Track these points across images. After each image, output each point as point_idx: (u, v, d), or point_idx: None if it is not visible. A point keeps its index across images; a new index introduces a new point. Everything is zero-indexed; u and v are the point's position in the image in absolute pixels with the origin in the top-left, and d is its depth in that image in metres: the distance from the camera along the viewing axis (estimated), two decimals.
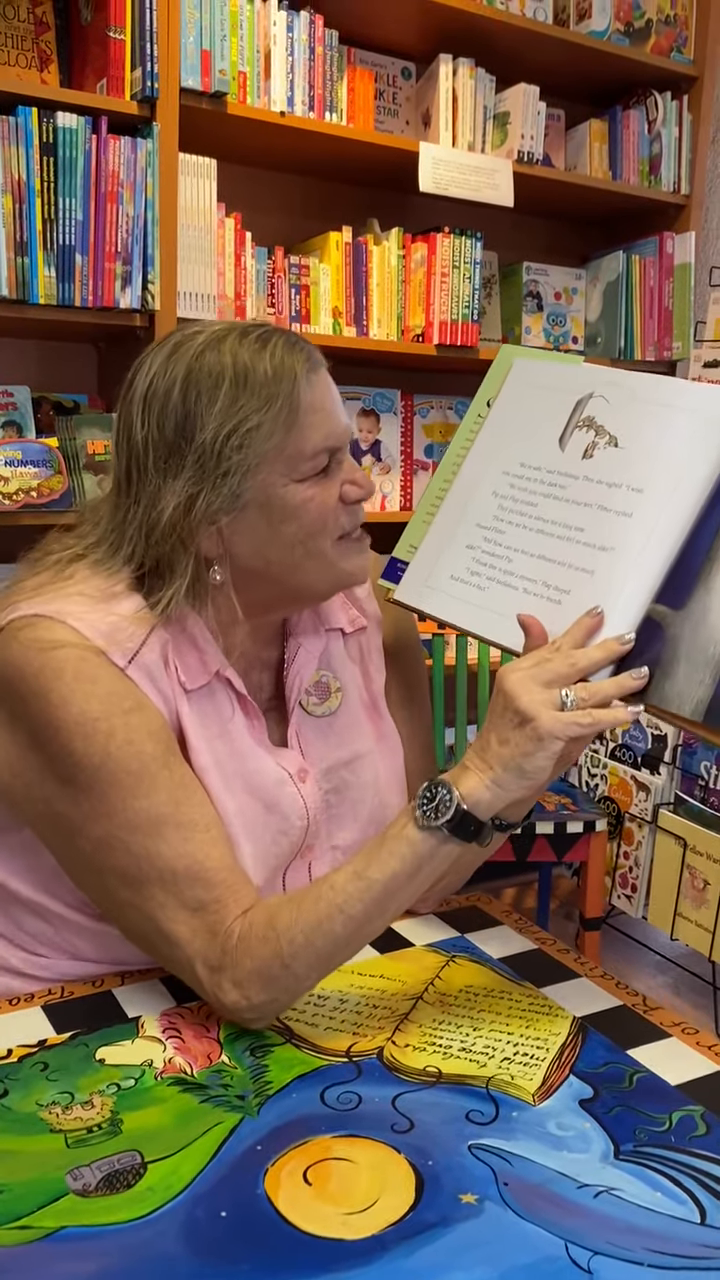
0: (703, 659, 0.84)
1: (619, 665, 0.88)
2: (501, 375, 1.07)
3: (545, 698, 0.84)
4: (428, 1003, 0.99)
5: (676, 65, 2.63)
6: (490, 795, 0.86)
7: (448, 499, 1.05)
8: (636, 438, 0.93)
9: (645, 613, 0.88)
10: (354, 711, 1.08)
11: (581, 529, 0.93)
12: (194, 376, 0.91)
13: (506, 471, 1.01)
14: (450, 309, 2.36)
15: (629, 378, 0.97)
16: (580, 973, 1.05)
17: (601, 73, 2.60)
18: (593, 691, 0.84)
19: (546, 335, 2.68)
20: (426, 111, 2.42)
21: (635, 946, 2.39)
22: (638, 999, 1.01)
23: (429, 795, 0.87)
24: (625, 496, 0.92)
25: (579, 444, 0.97)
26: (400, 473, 2.53)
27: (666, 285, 2.68)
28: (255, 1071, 0.88)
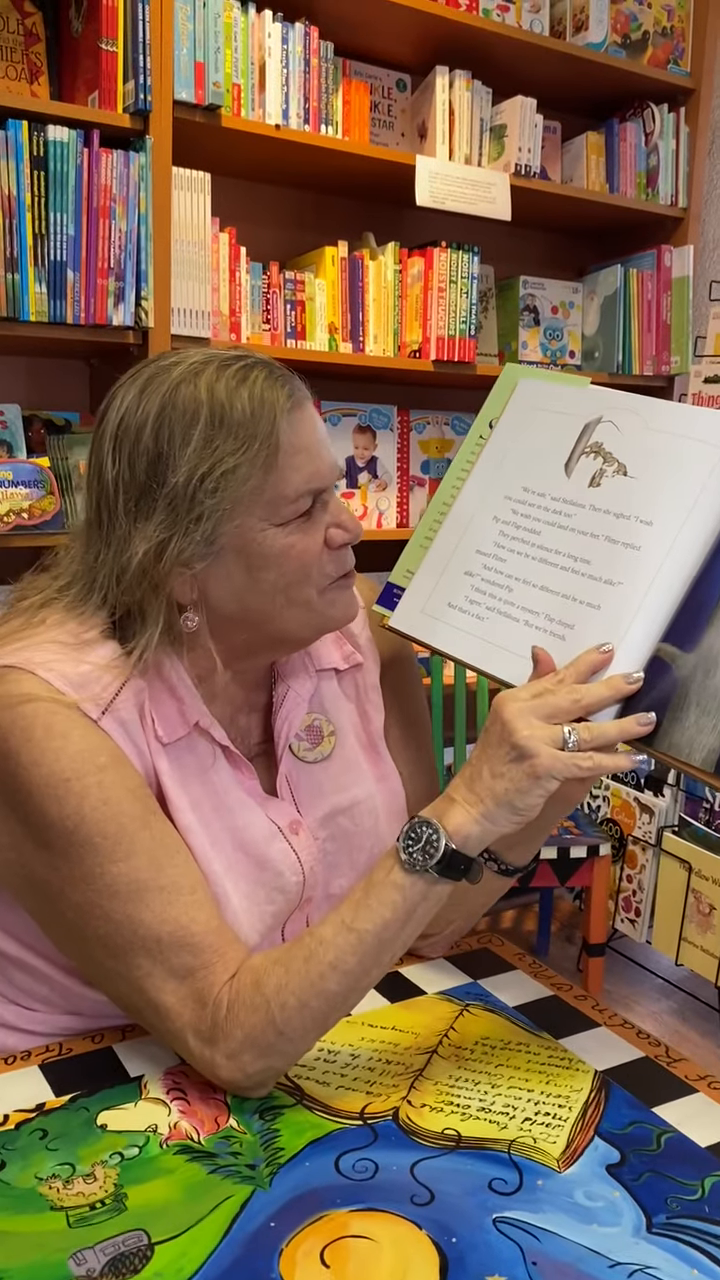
0: (715, 705, 0.80)
1: (624, 706, 0.84)
2: (505, 395, 1.04)
3: (546, 734, 0.79)
4: (442, 1057, 0.94)
5: (673, 78, 2.61)
6: (479, 830, 0.82)
7: (446, 523, 1.01)
8: (647, 468, 0.89)
9: (653, 652, 0.84)
10: (351, 755, 1.03)
11: (588, 561, 0.90)
12: (167, 413, 0.86)
13: (509, 496, 0.97)
14: (447, 324, 2.33)
15: (640, 403, 0.93)
16: (599, 1021, 1.01)
17: (598, 85, 2.58)
18: (596, 733, 0.80)
19: (544, 350, 2.65)
20: (423, 124, 2.38)
21: (639, 971, 2.36)
22: (660, 1050, 0.97)
23: (414, 836, 0.82)
24: (634, 529, 0.88)
25: (586, 471, 0.93)
26: (397, 489, 2.49)
27: (664, 299, 2.65)
28: (265, 1137, 0.83)
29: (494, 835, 0.83)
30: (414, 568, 1.02)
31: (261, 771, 0.99)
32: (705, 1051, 2.09)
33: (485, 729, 0.83)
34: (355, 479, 2.42)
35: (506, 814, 0.81)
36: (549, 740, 0.79)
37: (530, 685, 0.83)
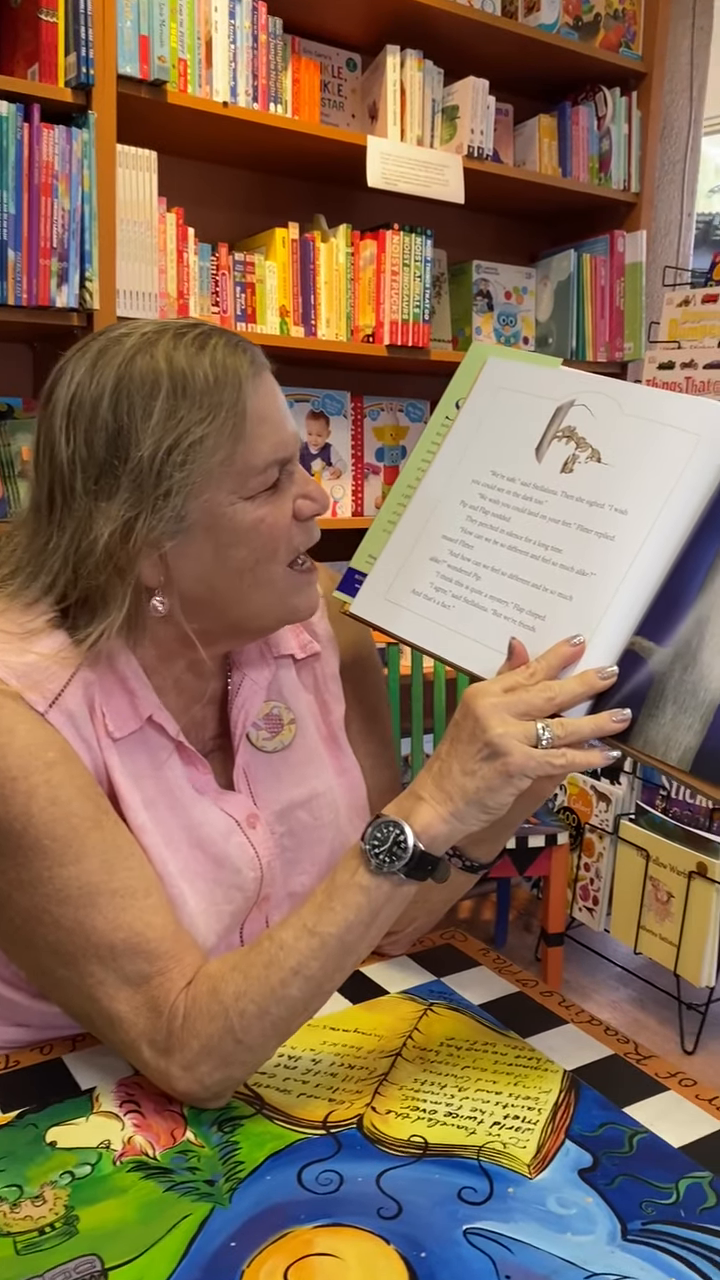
0: (693, 702, 0.77)
1: (597, 701, 0.81)
2: (473, 375, 1.00)
3: (520, 731, 0.76)
4: (407, 1060, 0.91)
5: (626, 61, 2.59)
6: (448, 829, 0.79)
7: (411, 506, 0.97)
8: (622, 454, 0.86)
9: (627, 645, 0.81)
10: (310, 745, 0.99)
11: (559, 549, 0.86)
12: (125, 385, 0.81)
13: (476, 480, 0.94)
14: (401, 308, 2.29)
15: (614, 386, 0.90)
16: (567, 1018, 0.99)
17: (550, 67, 2.55)
18: (570, 730, 0.77)
19: (498, 335, 2.63)
20: (373, 104, 2.34)
21: (597, 959, 2.35)
22: (629, 1046, 0.95)
23: (380, 836, 0.79)
24: (608, 517, 0.85)
25: (557, 456, 0.90)
26: (351, 477, 2.45)
27: (618, 285, 2.64)
28: (225, 1150, 0.80)
29: (462, 834, 0.80)
30: (377, 552, 0.98)
31: (217, 765, 0.95)
32: (664, 1039, 2.09)
33: (455, 723, 0.80)
34: (309, 466, 2.38)
35: (476, 812, 0.78)
36: (522, 737, 0.76)
37: (502, 679, 0.80)
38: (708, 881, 1.99)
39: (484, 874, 0.99)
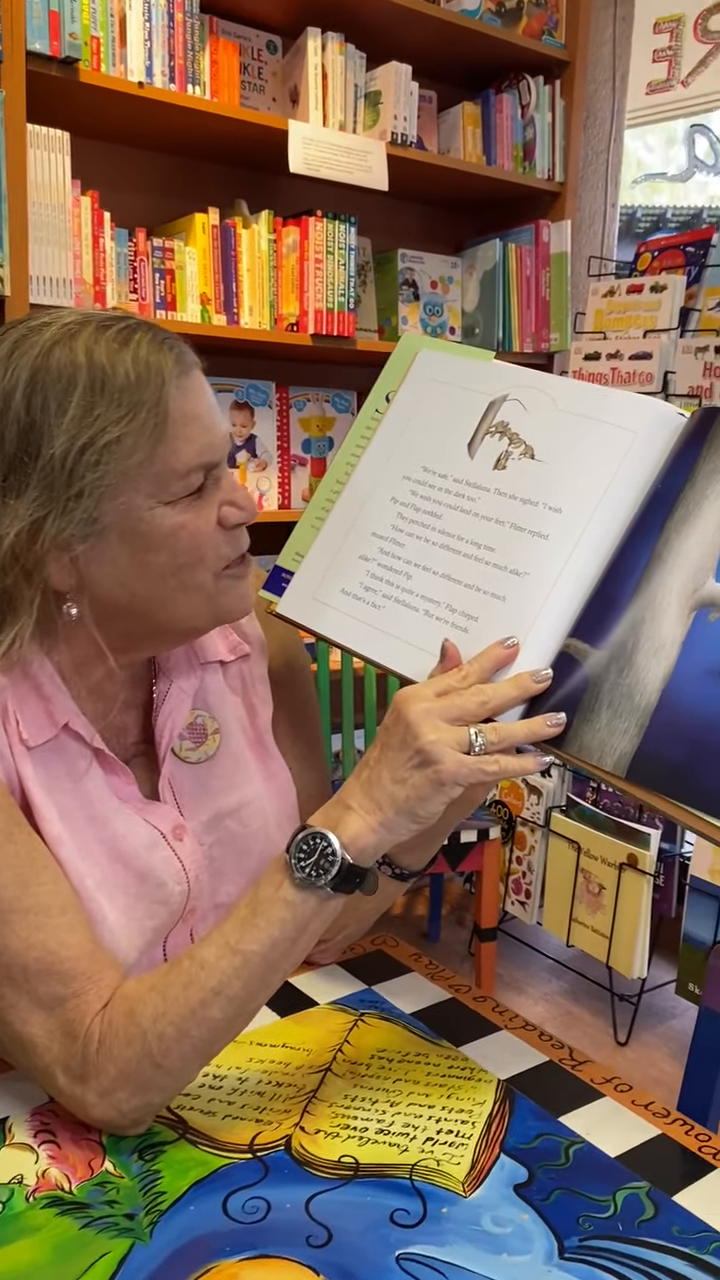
0: (629, 706, 0.75)
1: (530, 705, 0.78)
2: (403, 367, 0.97)
3: (452, 737, 0.73)
4: (337, 1074, 0.88)
5: (548, 49, 2.58)
6: (376, 840, 0.75)
7: (340, 502, 0.94)
8: (555, 451, 0.84)
9: (561, 648, 0.79)
10: (237, 752, 0.96)
11: (492, 548, 0.84)
12: (40, 379, 0.76)
13: (407, 476, 0.91)
14: (325, 297, 2.25)
15: (548, 381, 0.87)
16: (500, 1024, 0.97)
17: (473, 53, 2.53)
18: (504, 735, 0.74)
19: (424, 325, 2.60)
20: (294, 88, 2.30)
21: (530, 953, 2.35)
22: (564, 1052, 0.93)
23: (306, 848, 0.75)
24: (542, 516, 0.82)
25: (490, 452, 0.88)
26: (277, 469, 2.41)
27: (543, 275, 2.63)
28: (145, 1180, 0.76)
29: (391, 844, 0.77)
30: (304, 550, 0.94)
31: (141, 774, 0.91)
32: (597, 1031, 2.09)
33: (385, 728, 0.77)
34: (234, 458, 2.33)
35: (406, 822, 0.75)
36: (455, 744, 0.73)
37: (433, 682, 0.77)
38: (638, 873, 1.99)
39: (416, 880, 0.96)
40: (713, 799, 0.74)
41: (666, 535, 0.78)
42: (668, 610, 0.77)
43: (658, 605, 0.77)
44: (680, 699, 0.75)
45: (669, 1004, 2.12)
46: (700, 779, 0.74)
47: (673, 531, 0.78)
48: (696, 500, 0.78)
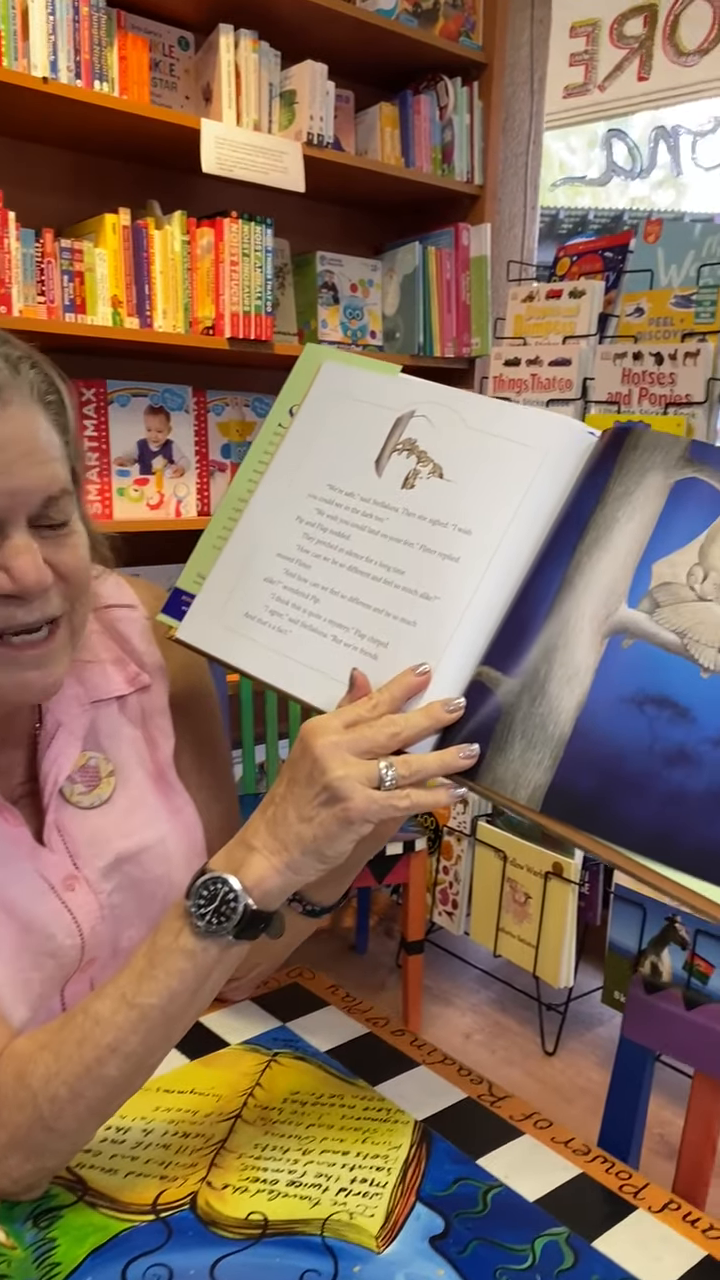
0: (542, 736, 0.72)
1: (442, 735, 0.75)
2: (307, 379, 0.93)
3: (361, 772, 0.70)
4: (248, 1122, 0.84)
5: (466, 50, 2.56)
6: (282, 882, 0.72)
7: (242, 521, 0.90)
8: (464, 471, 0.81)
9: (473, 676, 0.76)
10: (137, 793, 0.90)
11: (401, 571, 0.81)
12: None
13: (313, 495, 0.87)
14: (242, 300, 2.21)
15: (456, 397, 0.84)
16: (419, 1060, 0.94)
17: (390, 54, 2.50)
18: (415, 768, 0.71)
19: (344, 329, 2.57)
20: (207, 86, 2.25)
21: (457, 963, 2.33)
22: (483, 1088, 0.90)
23: (207, 893, 0.71)
24: (451, 538, 0.79)
25: (398, 470, 0.84)
26: (196, 475, 2.36)
27: (463, 278, 2.61)
28: (39, 1250, 0.71)
29: (298, 885, 0.73)
30: (205, 571, 0.90)
31: (30, 816, 0.86)
32: (525, 1041, 2.08)
33: (291, 762, 0.73)
34: (149, 465, 2.27)
35: (313, 862, 0.72)
36: (364, 779, 0.70)
37: (342, 713, 0.74)
38: (564, 881, 1.98)
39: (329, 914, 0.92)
40: (627, 831, 0.71)
41: (578, 559, 0.76)
42: (580, 636, 0.74)
43: (570, 631, 0.75)
44: (594, 728, 0.73)
45: (596, 1010, 2.12)
46: (614, 811, 0.72)
47: (584, 555, 0.76)
48: (607, 524, 0.75)
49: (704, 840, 0.71)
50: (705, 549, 0.74)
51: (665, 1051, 0.86)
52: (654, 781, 0.72)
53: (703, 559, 0.73)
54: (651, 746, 0.72)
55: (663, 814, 0.72)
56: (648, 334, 2.07)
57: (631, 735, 0.72)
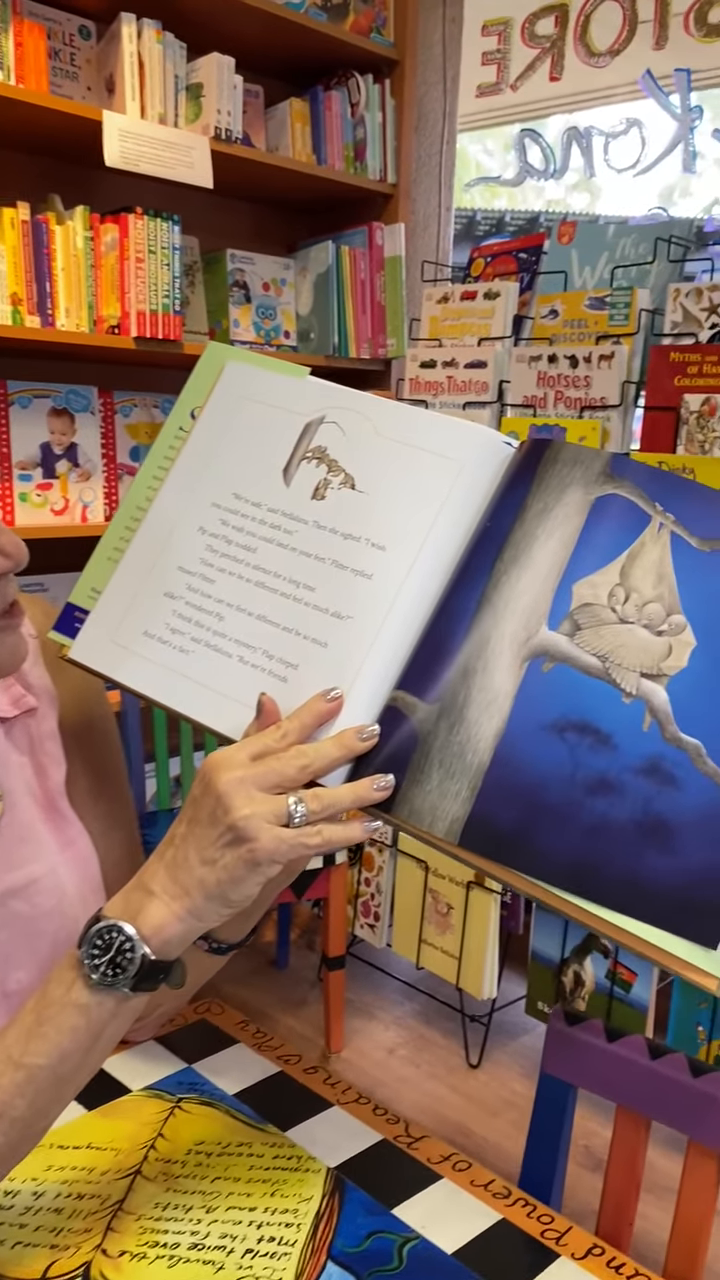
0: (460, 766, 0.68)
1: (355, 765, 0.71)
2: (209, 380, 0.88)
3: (269, 810, 0.65)
4: (148, 1178, 0.79)
5: (377, 47, 2.52)
6: (183, 929, 0.67)
7: (141, 532, 0.84)
8: (378, 482, 0.77)
9: (388, 701, 0.71)
10: (24, 822, 0.84)
11: (312, 588, 0.76)
12: None
13: (216, 504, 0.82)
14: (149, 298, 2.14)
15: (367, 403, 0.80)
16: (332, 1100, 0.89)
17: (299, 48, 2.45)
18: (327, 802, 0.67)
19: (257, 329, 2.51)
20: (110, 77, 2.17)
21: (380, 976, 2.29)
22: (399, 1128, 0.86)
23: (102, 943, 0.66)
24: (364, 553, 0.75)
25: (307, 480, 0.80)
26: (103, 479, 2.28)
27: (378, 278, 2.57)
28: None
29: (200, 932, 0.68)
30: (101, 586, 0.84)
31: None
32: (449, 1054, 2.05)
33: (193, 800, 0.68)
34: (53, 468, 2.19)
35: (217, 907, 0.67)
36: (272, 817, 0.65)
37: (248, 744, 0.69)
38: (486, 891, 1.95)
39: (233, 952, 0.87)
40: (547, 865, 0.68)
41: (496, 578, 0.72)
42: (500, 660, 0.70)
43: (489, 654, 0.71)
44: (514, 757, 0.69)
45: (520, 1020, 2.10)
46: (534, 843, 0.68)
47: (502, 574, 0.72)
48: (526, 541, 0.71)
49: (627, 873, 0.68)
50: (627, 569, 0.70)
51: (587, 1086, 0.82)
52: (576, 812, 0.68)
53: (624, 579, 0.70)
54: (573, 775, 0.69)
55: (585, 846, 0.68)
56: (563, 336, 2.05)
57: (552, 764, 0.69)
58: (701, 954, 0.67)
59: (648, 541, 0.71)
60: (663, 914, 0.67)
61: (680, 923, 0.67)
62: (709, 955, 0.67)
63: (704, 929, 0.67)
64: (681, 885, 0.67)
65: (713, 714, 0.70)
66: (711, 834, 0.68)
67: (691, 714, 0.69)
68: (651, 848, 0.68)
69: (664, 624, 0.70)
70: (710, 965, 0.67)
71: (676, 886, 0.67)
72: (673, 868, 0.68)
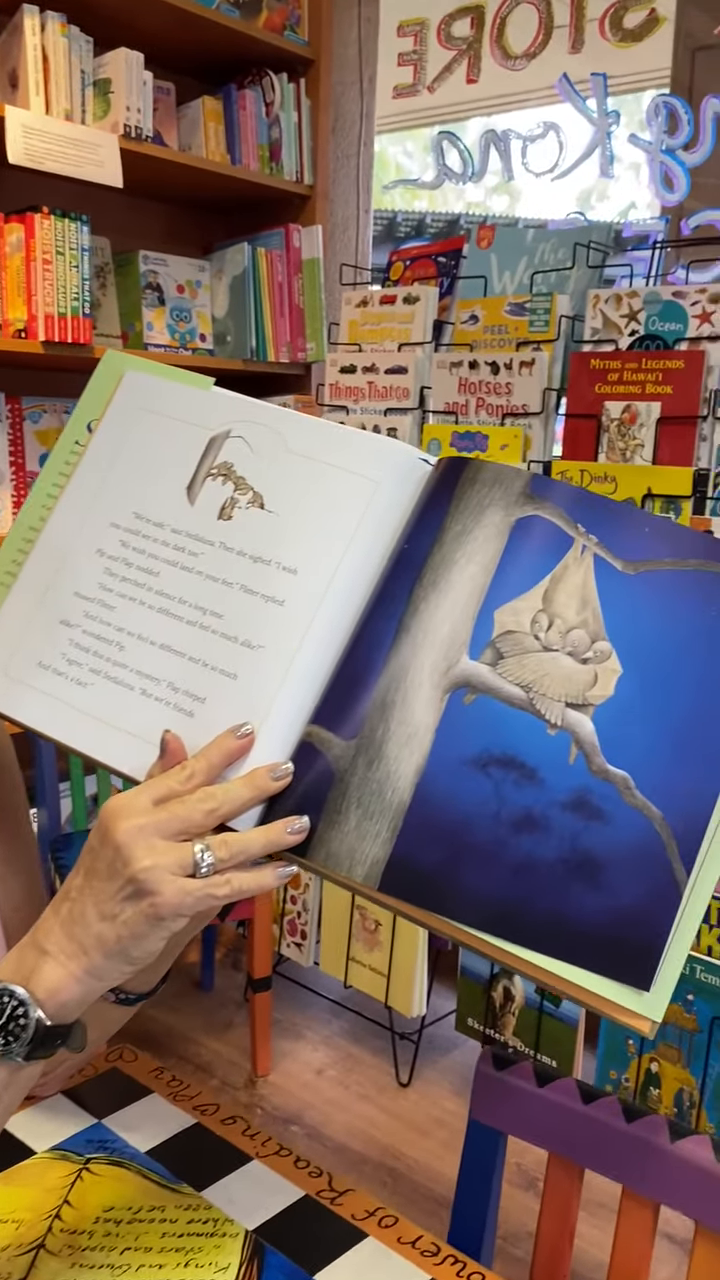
0: (379, 805, 0.64)
1: (268, 806, 0.66)
2: (107, 391, 0.82)
3: (173, 859, 0.60)
4: (52, 1252, 0.73)
5: (291, 45, 2.47)
6: (81, 991, 0.62)
7: (34, 554, 0.78)
8: (288, 501, 0.72)
9: (302, 736, 0.67)
10: None
11: (219, 615, 0.71)
12: None
13: (116, 524, 0.77)
14: (57, 301, 2.06)
15: (276, 416, 0.75)
16: (252, 1154, 0.84)
17: (211, 45, 2.39)
18: (236, 850, 0.62)
19: (171, 332, 2.44)
20: (13, 71, 2.09)
21: (308, 994, 2.24)
22: (322, 1181, 0.81)
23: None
24: (275, 577, 0.70)
25: (213, 499, 0.75)
26: (11, 487, 2.19)
27: (295, 281, 2.52)
28: None
29: (101, 992, 0.63)
30: None
31: None
32: (379, 1073, 2.01)
33: (90, 850, 0.63)
34: None
35: (118, 965, 0.62)
36: (176, 868, 0.60)
37: (150, 786, 0.64)
38: None
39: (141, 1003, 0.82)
40: (472, 908, 0.64)
41: (414, 605, 0.68)
42: (419, 692, 0.66)
43: (408, 686, 0.66)
44: (435, 794, 0.65)
45: (451, 1035, 2.07)
46: (458, 885, 0.64)
47: (420, 600, 0.68)
48: (445, 565, 0.68)
49: (554, 914, 0.64)
50: (550, 594, 0.66)
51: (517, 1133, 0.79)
52: (501, 851, 0.65)
53: (547, 605, 0.66)
54: (497, 812, 0.65)
55: (510, 887, 0.64)
56: (483, 342, 2.03)
57: (476, 801, 0.65)
58: (633, 995, 0.64)
59: (571, 565, 0.67)
60: (593, 956, 0.64)
61: (611, 964, 0.64)
62: (641, 997, 0.64)
63: (636, 970, 0.64)
64: (611, 924, 0.64)
65: (640, 743, 0.66)
66: (641, 869, 0.65)
67: (619, 744, 0.66)
68: (580, 886, 0.65)
69: (589, 651, 0.66)
70: (643, 1007, 0.64)
71: (606, 926, 0.64)
72: (602, 906, 0.64)
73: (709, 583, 0.67)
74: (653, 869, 0.65)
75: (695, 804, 0.66)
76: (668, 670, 0.67)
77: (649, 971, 0.63)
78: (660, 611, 0.67)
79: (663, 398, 1.69)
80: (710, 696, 0.67)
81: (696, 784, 0.66)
